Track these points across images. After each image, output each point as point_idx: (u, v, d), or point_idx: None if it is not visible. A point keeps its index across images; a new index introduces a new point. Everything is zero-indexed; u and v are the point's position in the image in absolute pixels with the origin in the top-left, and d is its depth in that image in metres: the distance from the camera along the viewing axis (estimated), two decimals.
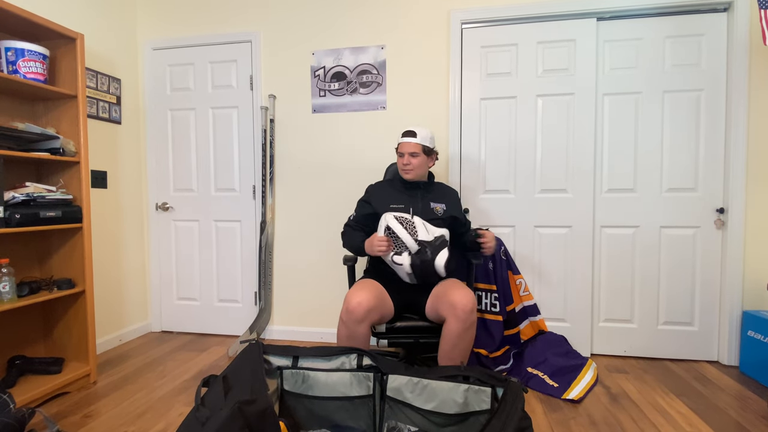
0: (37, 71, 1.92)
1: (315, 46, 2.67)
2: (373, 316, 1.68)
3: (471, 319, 1.63)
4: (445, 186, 2.06)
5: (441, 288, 1.77)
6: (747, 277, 2.29)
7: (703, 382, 2.11)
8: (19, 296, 1.89)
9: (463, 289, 1.68)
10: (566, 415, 1.80)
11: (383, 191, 1.98)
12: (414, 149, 1.89)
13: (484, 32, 2.49)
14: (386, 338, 1.86)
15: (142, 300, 2.94)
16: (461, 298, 1.63)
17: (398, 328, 1.83)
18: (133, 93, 2.84)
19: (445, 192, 2.02)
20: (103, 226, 2.60)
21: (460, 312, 1.62)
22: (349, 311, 1.64)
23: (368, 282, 1.80)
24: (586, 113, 2.40)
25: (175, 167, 2.90)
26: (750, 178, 2.27)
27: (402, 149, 1.91)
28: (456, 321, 1.63)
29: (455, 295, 1.66)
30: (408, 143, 1.90)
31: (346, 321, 1.66)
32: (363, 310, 1.63)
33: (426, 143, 1.91)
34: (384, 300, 1.76)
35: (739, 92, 2.24)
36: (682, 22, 2.32)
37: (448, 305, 1.66)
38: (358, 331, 1.65)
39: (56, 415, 1.79)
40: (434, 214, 1.90)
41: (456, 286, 1.72)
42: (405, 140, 1.91)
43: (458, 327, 1.63)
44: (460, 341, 1.65)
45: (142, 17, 2.88)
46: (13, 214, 1.77)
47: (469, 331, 1.65)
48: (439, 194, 1.98)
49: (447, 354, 1.68)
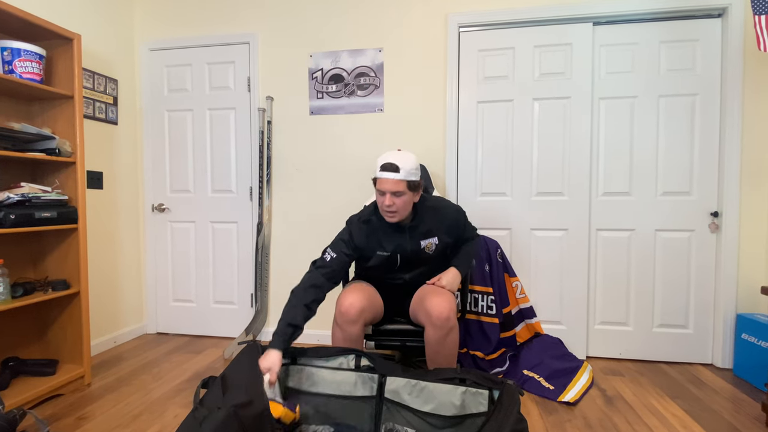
0: (34, 71, 1.91)
1: (313, 48, 2.68)
2: (366, 316, 1.67)
3: (448, 325, 1.58)
4: (435, 209, 1.76)
5: (420, 293, 1.73)
6: (741, 281, 2.30)
7: (697, 384, 2.13)
8: (14, 297, 1.87)
9: (439, 296, 1.62)
10: (562, 418, 1.80)
11: (368, 237, 1.72)
12: (397, 188, 1.54)
13: (482, 36, 2.50)
14: (373, 340, 1.86)
15: (138, 301, 2.92)
16: (436, 306, 1.58)
17: (385, 331, 1.84)
18: (130, 94, 2.83)
19: (435, 218, 1.74)
20: (99, 226, 2.59)
21: (436, 320, 1.58)
22: (342, 313, 1.63)
23: (359, 284, 1.79)
24: (583, 117, 2.42)
25: (171, 168, 2.89)
26: (744, 182, 2.29)
27: (382, 187, 1.57)
28: (433, 329, 1.60)
29: (431, 302, 1.61)
30: (388, 180, 1.54)
31: (340, 323, 1.65)
32: (355, 310, 1.62)
33: (411, 178, 1.55)
34: (375, 301, 1.75)
35: (734, 97, 2.27)
36: (677, 28, 2.35)
37: (424, 313, 1.64)
38: (352, 331, 1.64)
39: (50, 417, 1.78)
40: (425, 254, 1.74)
41: (433, 293, 1.65)
42: (385, 176, 1.55)
43: (436, 334, 1.60)
44: (441, 348, 1.62)
45: (140, 18, 2.88)
46: (8, 215, 1.76)
47: (449, 337, 1.61)
48: (430, 225, 1.72)
49: (432, 360, 1.67)
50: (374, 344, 1.89)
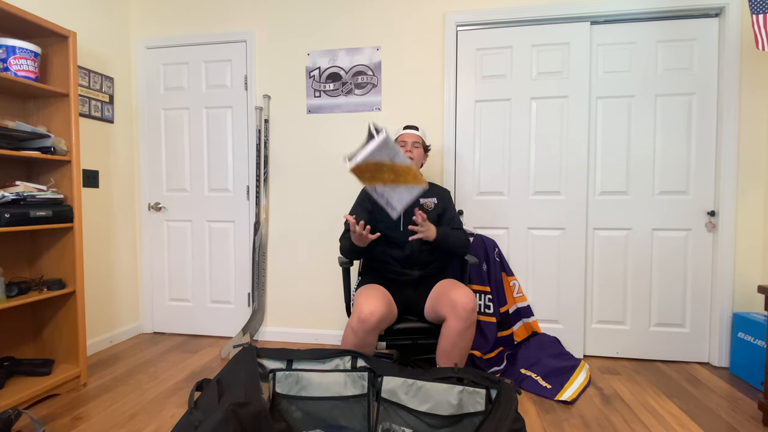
0: (29, 69, 1.90)
1: (310, 46, 2.67)
2: (383, 325, 1.68)
3: (472, 318, 1.64)
4: (437, 185, 2.12)
5: (440, 288, 1.78)
6: (737, 279, 2.31)
7: (694, 383, 2.13)
8: (8, 297, 1.86)
9: (463, 289, 1.70)
10: (559, 417, 1.80)
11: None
12: (416, 139, 2.04)
13: (479, 35, 2.50)
14: (385, 341, 1.86)
15: (134, 301, 2.91)
16: (462, 297, 1.65)
17: (397, 330, 1.84)
18: (126, 92, 2.82)
19: (435, 189, 2.08)
20: (95, 225, 2.57)
21: (461, 311, 1.62)
22: (361, 320, 1.60)
23: (375, 289, 1.78)
24: (580, 116, 2.42)
25: (168, 167, 2.88)
26: (741, 181, 2.30)
27: (405, 138, 2.04)
28: (457, 319, 1.63)
29: (456, 294, 1.67)
30: (411, 134, 2.05)
31: (356, 330, 1.61)
32: (376, 320, 1.61)
33: (425, 138, 2.10)
34: (392, 306, 1.76)
35: (731, 96, 2.27)
36: (674, 27, 2.35)
37: (448, 304, 1.67)
38: (368, 340, 1.64)
39: (46, 417, 1.77)
40: (425, 210, 1.98)
41: (456, 286, 1.73)
42: (408, 131, 2.06)
43: (459, 325, 1.63)
44: (460, 340, 1.65)
45: (136, 15, 2.86)
46: (3, 214, 1.74)
47: (469, 330, 1.65)
48: (430, 191, 2.05)
49: (447, 353, 1.68)
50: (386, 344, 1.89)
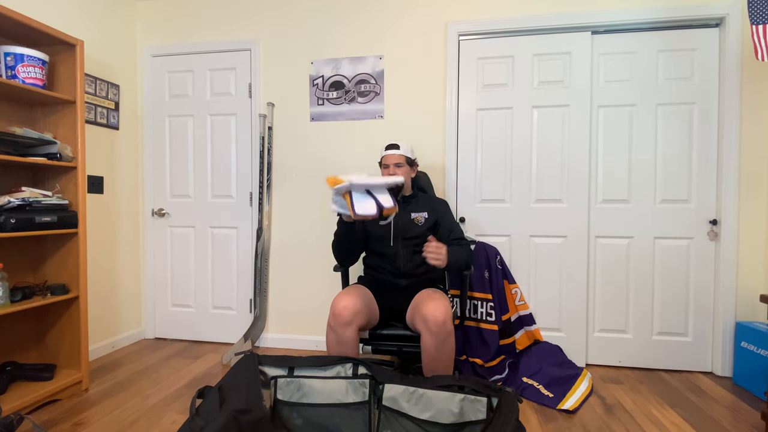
0: (36, 76, 1.93)
1: (314, 55, 2.70)
2: (359, 319, 1.67)
3: (445, 330, 1.60)
4: (432, 197, 2.08)
5: (417, 299, 1.76)
6: (740, 289, 2.31)
7: (697, 393, 2.12)
8: (12, 302, 1.87)
9: (435, 301, 1.65)
10: (561, 426, 1.80)
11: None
12: (398, 160, 1.96)
13: (481, 44, 2.52)
14: (370, 345, 1.87)
15: (136, 306, 2.91)
16: (432, 311, 1.61)
17: (381, 335, 1.84)
18: (131, 99, 2.85)
19: (429, 202, 2.02)
20: (99, 231, 2.59)
21: (432, 325, 1.60)
22: (335, 315, 1.65)
23: (355, 287, 1.81)
24: (581, 125, 2.43)
25: (172, 173, 2.90)
26: (742, 190, 2.30)
27: (387, 161, 1.98)
28: (429, 335, 1.61)
29: (427, 307, 1.63)
30: (392, 155, 1.97)
31: (333, 325, 1.66)
32: (349, 313, 1.64)
33: (408, 154, 2.00)
34: (370, 305, 1.76)
35: (731, 106, 2.28)
36: (675, 37, 2.37)
37: (420, 319, 1.65)
38: (345, 335, 1.65)
39: (47, 423, 1.77)
40: (415, 225, 1.95)
41: (430, 298, 1.69)
42: (389, 153, 1.98)
43: (432, 341, 1.61)
44: (439, 354, 1.63)
45: (142, 24, 2.90)
46: (8, 219, 1.76)
47: (445, 343, 1.62)
48: (422, 205, 2.01)
49: (430, 368, 1.67)
50: (371, 348, 1.89)
